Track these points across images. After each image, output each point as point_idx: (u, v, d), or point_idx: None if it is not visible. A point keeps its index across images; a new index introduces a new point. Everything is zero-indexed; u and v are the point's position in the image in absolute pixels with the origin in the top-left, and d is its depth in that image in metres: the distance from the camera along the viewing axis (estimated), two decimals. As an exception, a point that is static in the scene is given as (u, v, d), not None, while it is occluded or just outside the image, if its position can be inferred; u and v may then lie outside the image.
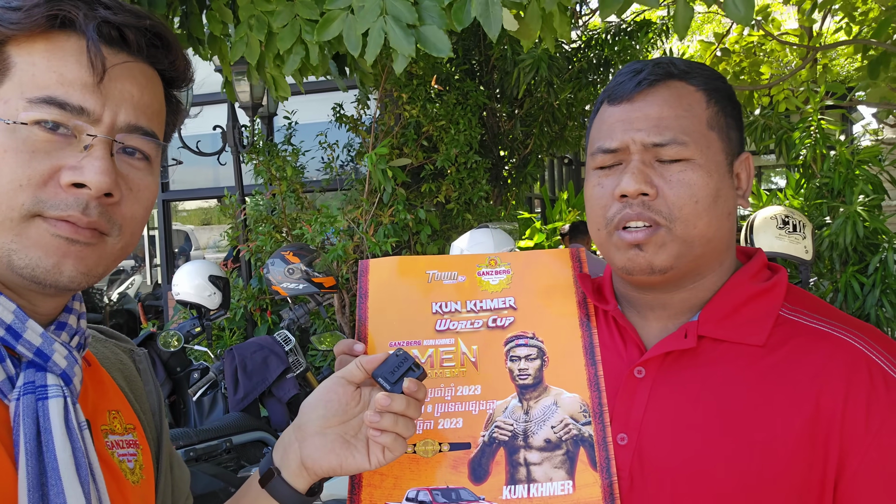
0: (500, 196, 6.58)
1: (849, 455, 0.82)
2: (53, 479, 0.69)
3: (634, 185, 0.89)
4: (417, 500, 0.93)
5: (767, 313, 0.92)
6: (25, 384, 0.72)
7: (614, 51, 6.33)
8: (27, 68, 0.71)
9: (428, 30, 2.28)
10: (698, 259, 0.93)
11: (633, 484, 0.90)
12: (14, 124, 0.70)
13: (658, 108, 0.91)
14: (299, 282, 4.36)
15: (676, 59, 0.97)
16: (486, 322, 1.01)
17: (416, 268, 1.05)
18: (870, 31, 6.32)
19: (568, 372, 0.96)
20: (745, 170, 0.96)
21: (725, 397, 0.88)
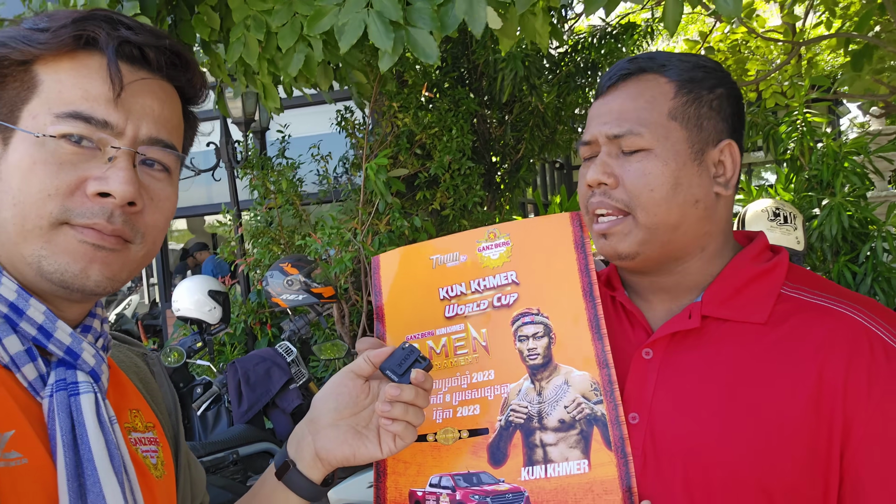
0: (494, 201, 6.62)
1: (853, 424, 0.85)
2: (89, 470, 0.73)
3: (593, 176, 0.96)
4: (441, 486, 0.97)
5: (769, 292, 0.96)
6: (57, 381, 0.75)
7: (601, 54, 6.39)
8: (54, 85, 0.75)
9: (417, 33, 2.27)
10: (666, 245, 0.96)
11: (647, 461, 0.93)
12: (43, 137, 0.74)
13: (621, 102, 0.97)
14: (299, 293, 4.40)
15: (662, 53, 1.01)
16: (492, 301, 1.02)
17: (420, 255, 1.08)
18: (851, 26, 6.42)
19: (576, 348, 0.97)
20: (731, 157, 0.99)
21: (731, 374, 0.92)
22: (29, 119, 0.75)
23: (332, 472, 0.96)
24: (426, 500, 0.98)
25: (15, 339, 0.73)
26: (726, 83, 1.00)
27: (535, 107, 6.18)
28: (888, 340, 0.88)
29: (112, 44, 0.76)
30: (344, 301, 5.39)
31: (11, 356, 0.73)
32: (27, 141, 0.74)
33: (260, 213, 5.79)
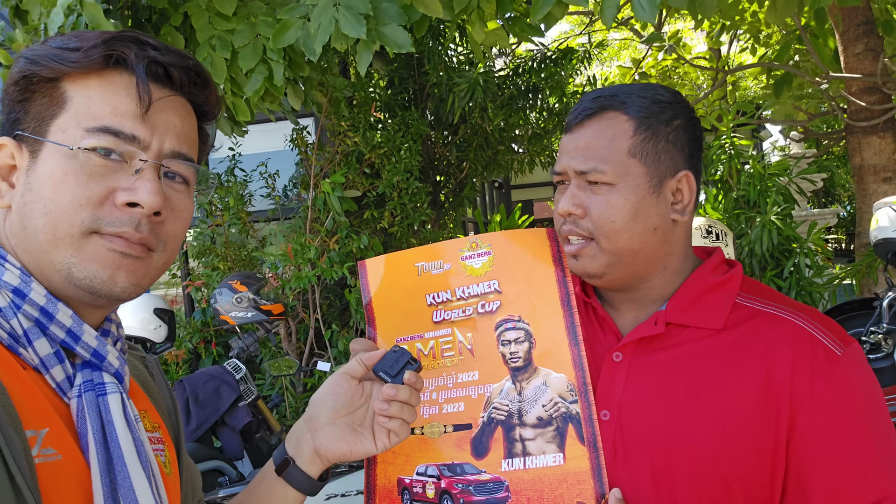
0: (439, 220, 6.74)
1: (797, 416, 0.97)
2: (119, 467, 0.77)
3: (564, 207, 1.07)
4: (427, 474, 1.05)
5: (725, 301, 1.07)
6: (84, 382, 0.79)
7: (541, 77, 6.61)
8: (83, 101, 0.79)
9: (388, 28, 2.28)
10: (630, 266, 1.06)
11: (617, 454, 1.03)
12: (74, 150, 0.77)
13: (586, 139, 1.06)
14: (247, 310, 4.38)
15: (622, 88, 1.09)
16: (476, 308, 1.10)
17: (406, 262, 1.15)
18: (773, 53, 6.83)
19: (554, 352, 1.06)
20: (687, 186, 1.08)
21: (692, 373, 1.02)
22: (58, 133, 0.79)
23: (328, 468, 1.01)
24: (413, 487, 1.06)
25: (45, 341, 0.76)
26: (683, 113, 1.08)
27: (479, 128, 6.35)
28: (828, 344, 0.99)
29: (142, 63, 0.81)
30: (291, 318, 5.39)
31: (41, 358, 0.76)
32: (58, 153, 0.78)
33: (204, 230, 5.74)
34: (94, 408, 0.78)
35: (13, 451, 0.65)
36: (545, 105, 6.88)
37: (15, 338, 0.75)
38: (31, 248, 0.79)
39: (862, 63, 5.13)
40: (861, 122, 5.13)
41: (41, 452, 0.70)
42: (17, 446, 0.66)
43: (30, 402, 0.72)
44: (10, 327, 0.75)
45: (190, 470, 1.04)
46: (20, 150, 0.80)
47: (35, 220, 0.77)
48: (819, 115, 6.17)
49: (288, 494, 0.99)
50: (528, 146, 7.34)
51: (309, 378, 5.25)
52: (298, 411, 5.14)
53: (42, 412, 0.73)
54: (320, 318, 5.40)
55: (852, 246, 12.04)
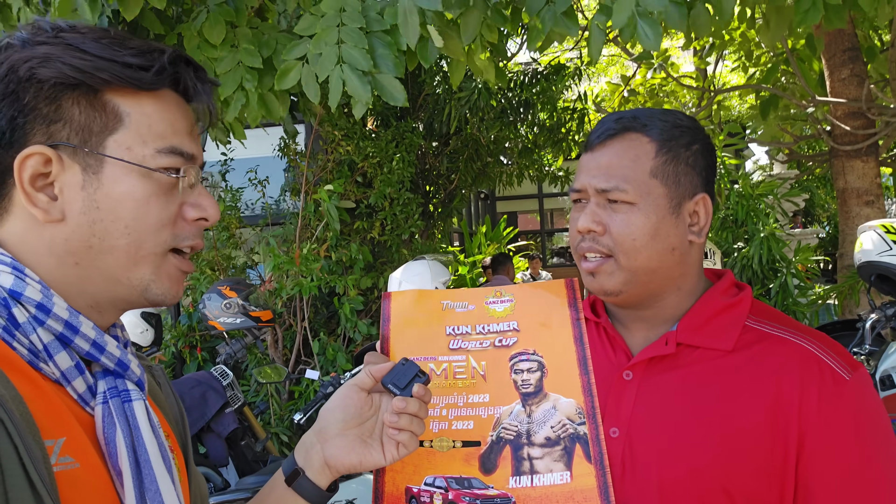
0: (427, 231, 6.77)
1: (805, 438, 0.98)
2: (147, 470, 0.78)
3: (584, 224, 1.09)
4: (434, 485, 1.06)
5: (735, 323, 1.09)
6: (109, 389, 0.80)
7: (532, 92, 6.69)
8: (142, 119, 0.80)
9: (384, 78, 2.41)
10: (646, 285, 1.09)
11: (625, 470, 1.04)
12: (149, 171, 0.80)
13: (608, 159, 1.08)
14: (236, 316, 4.37)
15: (643, 111, 1.12)
16: (493, 342, 1.13)
17: (432, 298, 1.19)
18: (762, 74, 6.96)
19: (564, 380, 1.09)
20: (704, 209, 1.10)
21: (700, 393, 1.04)
22: (121, 150, 0.79)
23: (336, 479, 1.02)
24: (421, 497, 1.06)
25: (65, 355, 0.77)
26: (700, 139, 1.12)
27: (470, 139, 6.39)
28: (836, 368, 1.02)
29: (197, 87, 0.86)
30: (278, 325, 5.37)
31: (63, 371, 0.77)
32: (132, 172, 0.79)
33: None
34: (121, 413, 0.79)
35: (33, 458, 0.66)
36: (536, 120, 6.94)
37: (35, 353, 0.75)
38: (98, 265, 0.80)
39: (847, 88, 5.24)
40: (845, 146, 5.24)
41: (59, 461, 0.71)
42: (37, 454, 0.67)
43: (48, 412, 0.73)
44: (29, 342, 0.75)
45: (197, 479, 1.05)
46: (60, 162, 0.78)
47: (115, 240, 0.79)
48: (805, 138, 6.29)
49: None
50: (517, 159, 7.40)
51: (295, 386, 5.23)
52: (283, 419, 5.12)
53: (61, 422, 0.74)
54: (307, 326, 5.39)
55: (830, 266, 12.23)
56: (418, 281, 3.92)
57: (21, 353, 0.74)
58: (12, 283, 0.75)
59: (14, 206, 0.79)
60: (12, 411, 0.66)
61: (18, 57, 0.77)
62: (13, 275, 0.76)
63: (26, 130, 0.77)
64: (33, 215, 0.78)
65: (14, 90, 0.76)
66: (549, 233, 17.08)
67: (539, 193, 15.86)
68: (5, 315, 0.74)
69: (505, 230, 11.18)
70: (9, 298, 0.75)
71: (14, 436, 0.65)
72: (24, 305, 0.75)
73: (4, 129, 0.76)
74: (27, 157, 0.76)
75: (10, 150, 0.77)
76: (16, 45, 0.78)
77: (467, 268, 9.07)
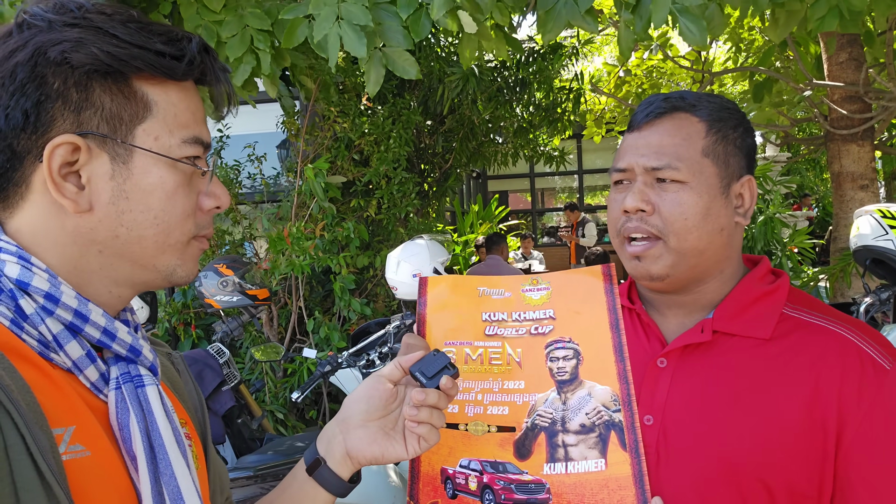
0: (422, 209, 6.75)
1: (844, 429, 0.97)
2: (161, 455, 0.78)
3: (633, 203, 1.06)
4: (469, 468, 1.06)
5: (773, 311, 1.07)
6: (122, 375, 0.80)
7: (529, 72, 6.64)
8: (168, 108, 0.80)
9: (394, 52, 2.39)
10: (693, 268, 1.07)
11: (660, 458, 1.04)
12: (174, 161, 0.80)
13: (659, 137, 1.07)
14: (233, 294, 4.35)
15: (689, 93, 1.11)
16: (529, 330, 1.12)
17: (469, 285, 1.17)
18: (754, 59, 6.95)
19: (600, 368, 1.08)
20: (749, 191, 1.10)
21: (737, 381, 1.03)
22: (149, 139, 0.79)
23: (359, 470, 1.01)
24: (456, 478, 1.07)
25: (75, 344, 0.76)
26: (744, 121, 1.11)
27: (466, 118, 6.35)
28: (876, 358, 1.00)
29: (219, 76, 0.85)
30: (273, 304, 5.36)
31: (74, 361, 0.76)
32: (160, 163, 0.79)
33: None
34: (134, 398, 0.79)
35: (41, 448, 0.65)
36: (532, 99, 6.91)
37: (45, 343, 0.74)
38: (124, 252, 0.80)
39: (845, 72, 5.25)
40: (841, 129, 5.26)
41: (69, 449, 0.70)
42: (45, 443, 0.66)
43: (57, 400, 0.72)
44: (38, 333, 0.74)
45: (217, 467, 1.04)
46: (88, 151, 0.76)
47: (144, 230, 0.79)
48: (801, 122, 6.30)
49: (318, 495, 0.98)
50: (513, 139, 7.37)
51: (290, 364, 5.23)
52: (278, 396, 5.13)
53: (71, 410, 0.73)
54: (302, 305, 5.38)
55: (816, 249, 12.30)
56: (416, 261, 3.92)
57: (31, 345, 0.73)
58: (19, 273, 0.74)
59: (33, 192, 0.77)
60: (18, 402, 0.66)
61: (46, 39, 0.74)
62: (19, 264, 0.74)
63: (54, 116, 0.74)
64: (55, 203, 0.76)
65: (42, 73, 0.73)
66: (539, 212, 17.09)
67: (531, 173, 15.84)
68: (13, 307, 0.73)
69: (497, 209, 11.18)
70: (15, 289, 0.74)
71: (21, 426, 0.65)
72: (31, 296, 0.74)
73: (29, 113, 0.74)
74: (57, 147, 0.74)
75: (34, 135, 0.74)
76: (39, 24, 0.75)
77: (460, 247, 9.07)
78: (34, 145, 0.74)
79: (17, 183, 0.76)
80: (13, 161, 0.75)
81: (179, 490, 0.78)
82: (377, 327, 4.05)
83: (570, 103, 7.12)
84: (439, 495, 1.08)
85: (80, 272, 0.79)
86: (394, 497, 3.06)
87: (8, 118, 0.74)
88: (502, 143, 7.59)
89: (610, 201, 1.14)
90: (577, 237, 10.50)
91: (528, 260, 10.96)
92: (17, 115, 0.73)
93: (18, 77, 0.73)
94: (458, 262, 8.96)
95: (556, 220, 17.34)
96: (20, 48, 0.74)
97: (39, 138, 0.74)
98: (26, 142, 0.74)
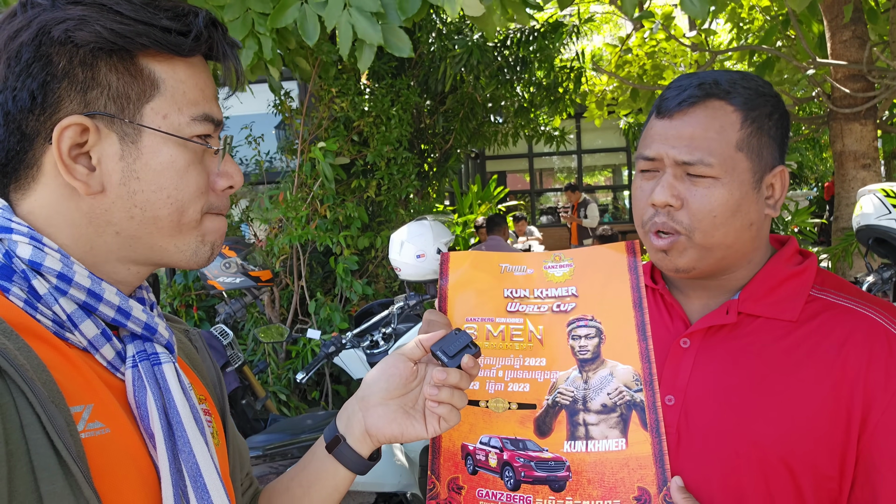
0: (422, 190, 6.73)
1: (870, 412, 0.95)
2: (179, 432, 0.77)
3: (662, 198, 1.03)
4: (490, 445, 1.07)
5: (800, 292, 1.06)
6: (138, 353, 0.79)
7: (529, 50, 6.60)
8: (177, 85, 0.78)
9: (387, 29, 2.36)
10: (720, 261, 1.05)
11: (681, 439, 1.04)
12: (184, 140, 0.78)
13: (691, 129, 1.02)
14: (236, 275, 4.36)
15: (723, 75, 1.06)
16: (552, 307, 1.11)
17: (491, 261, 1.16)
18: (754, 39, 6.90)
19: (622, 347, 1.07)
20: (780, 181, 1.07)
21: (761, 363, 1.02)
22: (157, 118, 0.77)
23: (378, 448, 1.00)
24: (476, 454, 1.08)
25: (90, 323, 0.75)
26: (779, 107, 1.07)
27: (467, 98, 6.32)
28: None
29: (227, 51, 0.82)
30: (275, 285, 5.36)
31: (90, 340, 0.75)
32: (170, 142, 0.77)
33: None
34: (151, 376, 0.78)
35: (57, 427, 0.65)
36: (533, 79, 6.87)
37: (59, 323, 0.74)
38: (140, 233, 0.79)
39: (848, 50, 5.21)
40: (844, 108, 5.23)
41: (87, 427, 0.70)
42: (61, 423, 0.65)
43: (75, 378, 0.72)
44: (52, 314, 0.73)
45: (237, 442, 1.04)
46: (97, 131, 0.75)
47: (157, 210, 0.78)
48: (805, 101, 6.27)
49: (338, 472, 0.98)
50: (513, 119, 7.34)
51: (292, 345, 5.24)
52: (281, 377, 5.15)
53: (88, 388, 0.73)
54: (304, 286, 5.38)
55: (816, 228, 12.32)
56: (420, 242, 3.92)
57: (45, 325, 0.73)
58: (31, 254, 0.73)
59: (44, 174, 0.76)
60: (34, 381, 0.65)
61: (50, 17, 0.72)
62: (31, 245, 0.74)
63: (60, 96, 0.73)
64: (68, 185, 0.75)
65: (47, 53, 0.72)
66: (538, 192, 17.06)
67: (529, 153, 15.80)
68: (26, 287, 0.73)
69: (495, 190, 11.16)
70: (28, 270, 0.73)
71: (36, 406, 0.64)
72: (44, 276, 0.73)
73: (36, 94, 0.72)
74: (66, 129, 0.73)
75: (42, 115, 0.73)
76: (43, 3, 0.74)
77: (460, 227, 9.05)
78: (43, 126, 0.73)
79: (28, 165, 0.75)
80: (23, 143, 0.74)
81: (198, 466, 0.77)
82: (380, 308, 4.06)
83: (571, 83, 7.08)
84: (460, 471, 1.08)
85: (97, 252, 0.78)
86: (400, 476, 3.08)
87: (15, 99, 0.72)
88: (503, 123, 7.55)
89: (635, 189, 1.11)
90: (579, 218, 10.49)
91: (528, 239, 10.95)
92: (24, 97, 0.72)
93: (24, 57, 0.72)
94: (458, 244, 8.96)
95: (555, 200, 17.32)
96: (24, 28, 0.72)
97: (48, 119, 0.73)
98: (35, 123, 0.73)
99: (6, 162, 0.76)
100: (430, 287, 4.01)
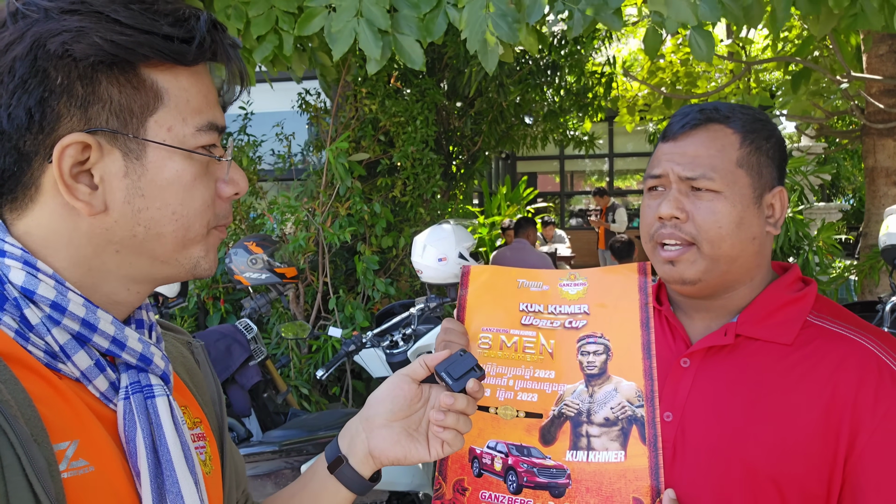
0: (449, 191, 6.77)
1: (858, 435, 0.99)
2: (168, 471, 0.74)
3: (668, 210, 1.11)
4: (496, 449, 1.12)
5: (797, 318, 1.10)
6: (131, 384, 0.75)
7: (561, 55, 6.60)
8: (180, 94, 0.74)
9: (404, 40, 2.40)
10: (725, 274, 1.11)
11: (676, 453, 1.09)
12: (190, 152, 0.74)
13: (695, 148, 1.11)
14: (262, 272, 4.44)
15: (723, 104, 1.15)
16: (563, 323, 1.17)
17: (509, 276, 1.23)
18: (791, 47, 6.81)
19: (628, 364, 1.12)
20: (780, 201, 1.14)
21: (756, 384, 1.06)
22: (162, 131, 0.73)
23: (379, 470, 0.99)
24: (483, 458, 1.13)
25: (83, 354, 0.72)
26: (776, 133, 1.15)
27: (495, 101, 6.34)
28: (895, 369, 1.02)
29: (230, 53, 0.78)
30: (300, 281, 5.45)
31: (82, 371, 0.72)
32: (175, 155, 0.74)
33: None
34: (142, 410, 0.75)
35: (36, 469, 0.62)
36: (563, 83, 6.86)
37: (52, 354, 0.70)
38: (142, 251, 0.75)
39: (884, 65, 5.14)
40: (878, 123, 5.16)
41: (71, 465, 0.67)
42: (41, 464, 0.63)
43: (63, 412, 0.69)
44: (45, 344, 0.70)
45: (234, 461, 1.01)
46: (100, 148, 0.70)
47: (162, 227, 0.74)
48: (838, 114, 6.19)
49: (339, 493, 0.97)
50: (542, 123, 7.34)
51: (314, 341, 5.33)
52: (303, 372, 5.24)
53: (77, 421, 0.70)
54: (329, 282, 5.46)
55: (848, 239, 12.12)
56: (443, 246, 3.96)
57: (37, 355, 0.70)
58: (24, 280, 0.69)
59: (43, 194, 0.71)
60: (16, 419, 0.62)
61: (45, 29, 0.67)
62: (24, 270, 0.70)
63: (60, 113, 0.68)
64: (67, 205, 0.71)
65: (43, 68, 0.67)
66: (568, 195, 17.00)
67: (560, 155, 15.74)
68: (17, 316, 0.69)
69: (525, 191, 11.14)
70: (20, 298, 0.69)
71: (16, 446, 0.61)
72: (37, 304, 0.70)
73: (33, 112, 0.68)
74: (67, 147, 0.68)
75: (41, 134, 0.69)
76: (34, 13, 0.68)
77: (487, 229, 9.07)
78: (41, 145, 0.69)
79: (26, 185, 0.71)
80: (20, 163, 0.70)
81: None
82: (401, 309, 4.12)
83: (601, 88, 7.07)
84: (466, 473, 1.14)
85: (95, 272, 0.75)
86: (413, 476, 3.13)
87: (11, 118, 0.68)
88: (531, 127, 7.56)
89: (644, 207, 1.18)
90: (607, 223, 10.45)
91: (555, 243, 10.94)
92: (20, 114, 0.68)
93: (18, 73, 0.67)
94: (485, 244, 8.98)
95: (585, 202, 17.24)
96: (17, 41, 0.67)
97: (46, 137, 0.69)
98: (32, 142, 0.69)
99: (2, 182, 0.71)
100: (451, 290, 4.06)
